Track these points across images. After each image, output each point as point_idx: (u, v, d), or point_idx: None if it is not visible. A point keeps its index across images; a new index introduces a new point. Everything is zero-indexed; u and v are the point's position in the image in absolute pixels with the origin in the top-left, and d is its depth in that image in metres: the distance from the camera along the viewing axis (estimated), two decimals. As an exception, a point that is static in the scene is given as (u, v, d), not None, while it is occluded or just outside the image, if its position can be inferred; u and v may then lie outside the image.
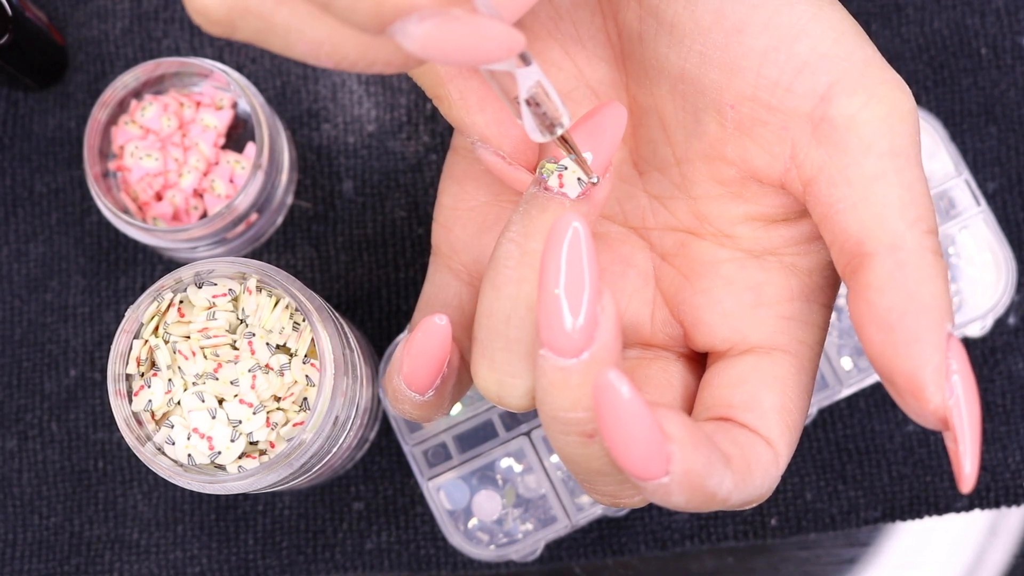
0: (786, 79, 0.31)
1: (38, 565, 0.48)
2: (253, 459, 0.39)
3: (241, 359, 0.39)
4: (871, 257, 0.30)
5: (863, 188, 0.30)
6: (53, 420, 0.49)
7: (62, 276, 0.50)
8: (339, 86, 0.50)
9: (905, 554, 0.49)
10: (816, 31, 0.31)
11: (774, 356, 0.33)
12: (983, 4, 0.50)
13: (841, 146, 0.30)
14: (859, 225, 0.30)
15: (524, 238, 0.32)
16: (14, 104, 0.51)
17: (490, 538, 0.46)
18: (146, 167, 0.47)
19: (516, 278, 0.31)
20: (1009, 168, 0.50)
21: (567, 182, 0.32)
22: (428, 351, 0.33)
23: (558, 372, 0.29)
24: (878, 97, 0.31)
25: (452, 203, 0.37)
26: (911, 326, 0.29)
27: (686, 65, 0.33)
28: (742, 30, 0.32)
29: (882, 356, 0.29)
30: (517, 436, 0.46)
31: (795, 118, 0.31)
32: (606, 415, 0.28)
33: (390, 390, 0.35)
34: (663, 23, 0.33)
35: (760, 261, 0.34)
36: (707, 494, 0.29)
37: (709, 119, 0.33)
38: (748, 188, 0.34)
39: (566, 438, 0.30)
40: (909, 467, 0.48)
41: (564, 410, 0.29)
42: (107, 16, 0.51)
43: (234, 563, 0.48)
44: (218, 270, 0.39)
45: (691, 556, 0.49)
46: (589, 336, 0.28)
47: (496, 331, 0.32)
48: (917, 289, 0.29)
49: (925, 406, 0.29)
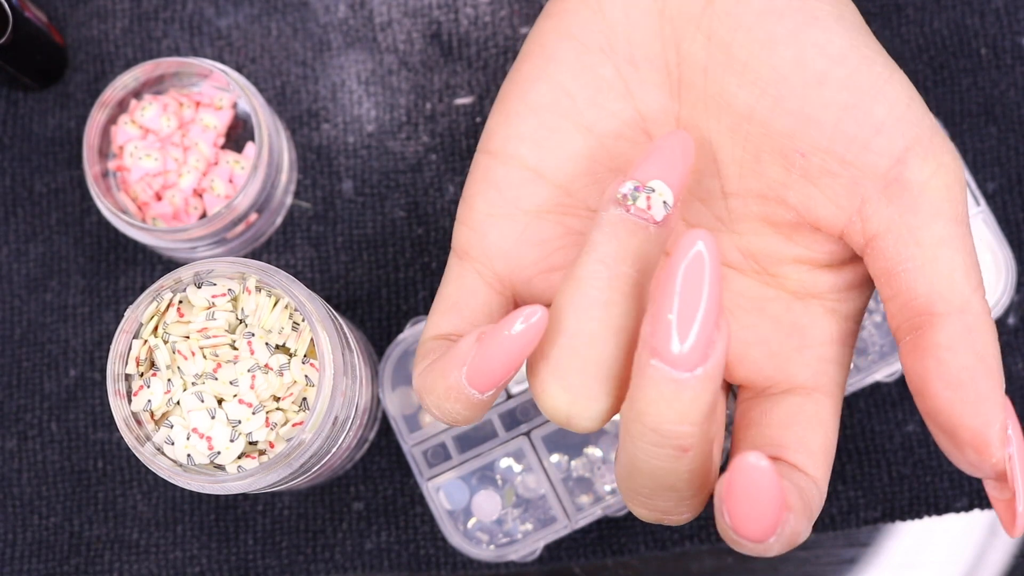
0: (863, 136, 0.32)
1: (38, 565, 0.48)
2: (252, 459, 0.39)
3: (240, 359, 0.39)
4: (941, 318, 0.31)
5: (933, 251, 0.31)
6: (53, 420, 0.49)
7: (62, 276, 0.50)
8: (339, 86, 0.50)
9: (905, 554, 0.49)
10: (892, 94, 0.32)
11: (816, 398, 0.34)
12: (983, 4, 0.50)
13: (913, 208, 0.32)
14: (928, 287, 0.31)
15: (614, 261, 0.31)
16: (14, 104, 0.51)
17: (490, 538, 0.46)
18: (146, 167, 0.47)
19: (603, 301, 0.31)
20: (1009, 168, 0.50)
21: (654, 204, 0.32)
22: (513, 348, 0.32)
23: (671, 384, 0.29)
24: (945, 165, 0.32)
25: (488, 209, 0.36)
26: (980, 387, 0.30)
27: (757, 107, 0.33)
28: (822, 83, 0.32)
29: (950, 412, 0.30)
30: (517, 436, 0.46)
31: (869, 175, 0.32)
32: (741, 489, 0.29)
33: (441, 388, 0.33)
34: (734, 61, 0.33)
35: (804, 303, 0.35)
36: (795, 545, 0.31)
37: (772, 161, 0.34)
38: (800, 233, 0.34)
39: (659, 450, 0.30)
40: (909, 467, 0.48)
41: (670, 423, 0.29)
42: (107, 16, 0.51)
43: (234, 563, 0.48)
44: (217, 270, 0.39)
45: (691, 556, 0.49)
46: (706, 353, 0.29)
47: (576, 352, 0.32)
48: (984, 352, 0.31)
49: (987, 460, 0.30)
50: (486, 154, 0.37)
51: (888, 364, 0.46)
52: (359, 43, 0.51)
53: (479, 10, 0.51)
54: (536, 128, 0.36)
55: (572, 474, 0.46)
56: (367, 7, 0.51)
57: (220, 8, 0.51)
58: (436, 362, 0.33)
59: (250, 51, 0.51)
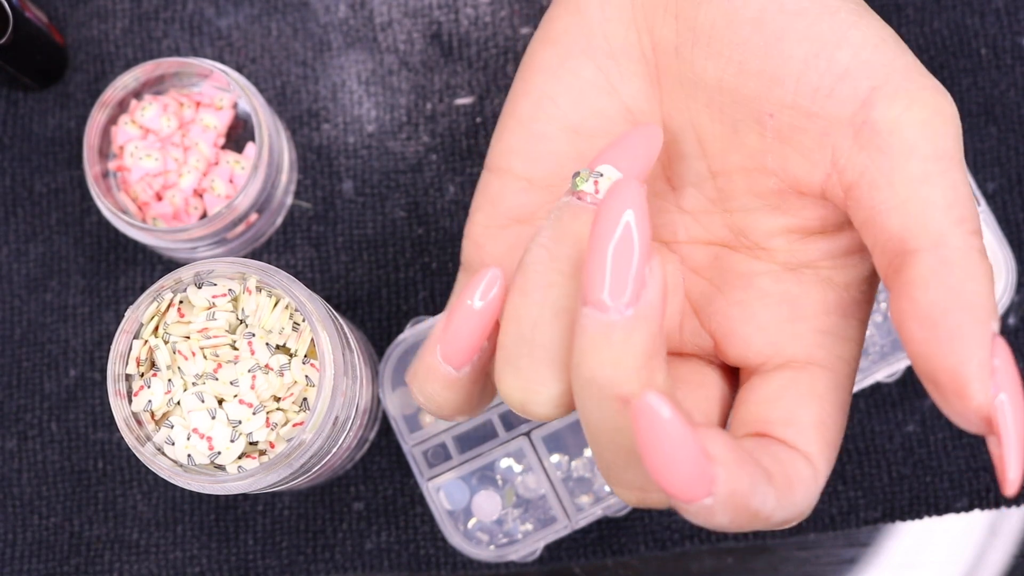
0: (827, 85, 0.31)
1: (38, 565, 0.48)
2: (253, 459, 0.39)
3: (241, 359, 0.39)
4: (915, 254, 0.29)
5: (907, 190, 0.30)
6: (53, 420, 0.49)
7: (62, 276, 0.50)
8: (339, 86, 0.50)
9: (905, 554, 0.49)
10: (857, 38, 0.31)
11: (811, 371, 0.33)
12: (983, 4, 0.50)
13: (884, 150, 0.30)
14: (902, 224, 0.29)
15: (554, 243, 0.31)
16: (14, 104, 0.51)
17: (490, 538, 0.46)
18: (146, 167, 0.47)
19: (544, 283, 0.31)
20: (1009, 168, 0.50)
21: (602, 188, 0.32)
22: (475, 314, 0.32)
23: (601, 328, 0.28)
24: (920, 101, 0.30)
25: (486, 221, 0.37)
26: (955, 323, 0.28)
27: (724, 76, 0.33)
28: (782, 38, 0.32)
29: (924, 354, 0.28)
30: (517, 436, 0.46)
31: (836, 124, 0.31)
32: (646, 437, 0.27)
33: (422, 371, 0.33)
34: (700, 35, 0.33)
35: (796, 274, 0.34)
36: (751, 513, 0.29)
37: (748, 130, 0.33)
38: (787, 200, 0.33)
39: (600, 404, 0.29)
40: (909, 467, 0.48)
41: (603, 367, 0.28)
42: (107, 16, 0.51)
43: (234, 563, 0.48)
44: (218, 270, 0.39)
45: (691, 556, 0.49)
46: (636, 294, 0.28)
47: (522, 337, 0.31)
48: (962, 286, 0.28)
49: (968, 404, 0.28)
50: (486, 170, 0.38)
51: (888, 364, 0.46)
52: (359, 43, 0.51)
53: (479, 10, 0.51)
54: (524, 139, 0.36)
55: (572, 474, 0.46)
56: (367, 7, 0.51)
57: (220, 8, 0.51)
58: (417, 357, 0.34)
59: (250, 51, 0.51)
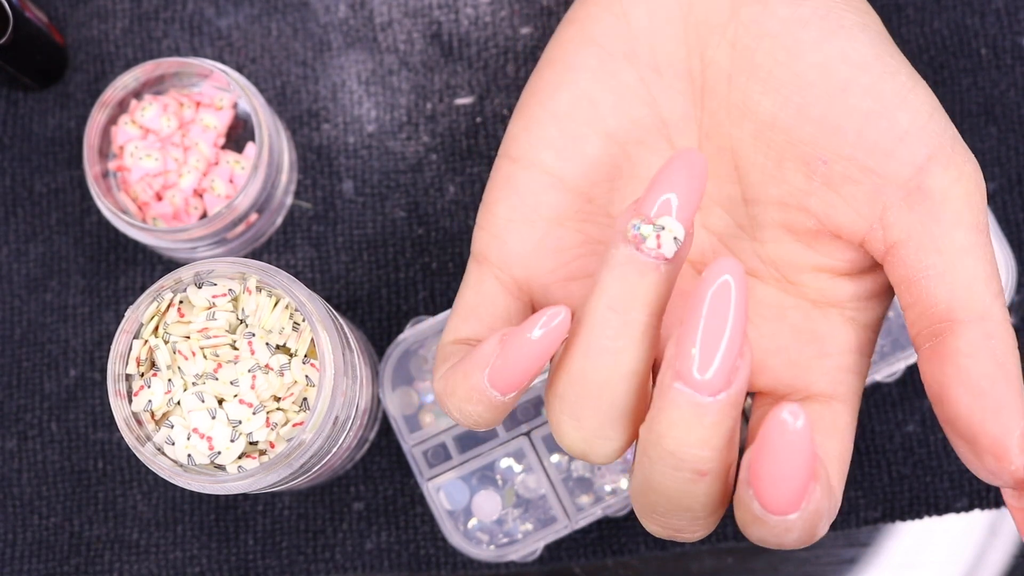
0: (886, 144, 0.32)
1: (37, 565, 0.48)
2: (253, 459, 0.39)
3: (241, 359, 0.39)
4: (962, 325, 0.31)
5: (954, 259, 0.31)
6: (53, 420, 0.49)
7: (62, 276, 0.50)
8: (339, 86, 0.50)
9: (905, 554, 0.49)
10: (915, 103, 0.32)
11: (834, 406, 0.34)
12: (983, 4, 0.50)
13: (934, 216, 0.32)
14: (949, 294, 0.31)
15: (624, 308, 0.31)
16: (14, 104, 0.51)
17: (490, 538, 0.46)
18: (146, 167, 0.47)
19: (614, 348, 0.31)
20: (1009, 168, 0.50)
21: (664, 243, 0.31)
22: (535, 351, 0.32)
23: (693, 408, 0.29)
24: (967, 175, 0.32)
25: (509, 214, 0.36)
26: (1000, 394, 0.30)
27: (780, 114, 0.33)
28: (846, 90, 0.32)
29: (969, 419, 0.30)
30: (517, 436, 0.46)
31: (890, 183, 0.32)
32: (772, 448, 0.28)
33: (463, 390, 0.33)
34: (759, 69, 0.33)
35: (823, 312, 0.35)
36: (814, 534, 0.31)
37: (794, 169, 0.34)
38: (821, 241, 0.34)
39: (676, 474, 0.30)
40: (909, 467, 0.48)
41: (690, 446, 0.30)
42: (107, 16, 0.51)
43: (234, 563, 0.48)
44: (218, 270, 0.39)
45: (691, 556, 0.49)
46: (729, 379, 0.29)
47: (588, 396, 0.32)
48: (1004, 359, 0.31)
49: (1006, 467, 0.30)
50: (508, 159, 0.37)
51: (888, 364, 0.46)
52: (359, 43, 0.51)
53: (479, 10, 0.51)
54: (558, 135, 0.36)
55: (572, 474, 0.46)
56: (367, 7, 0.51)
57: (220, 8, 0.51)
58: (458, 364, 0.33)
59: (250, 51, 0.51)
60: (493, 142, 0.50)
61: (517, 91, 0.50)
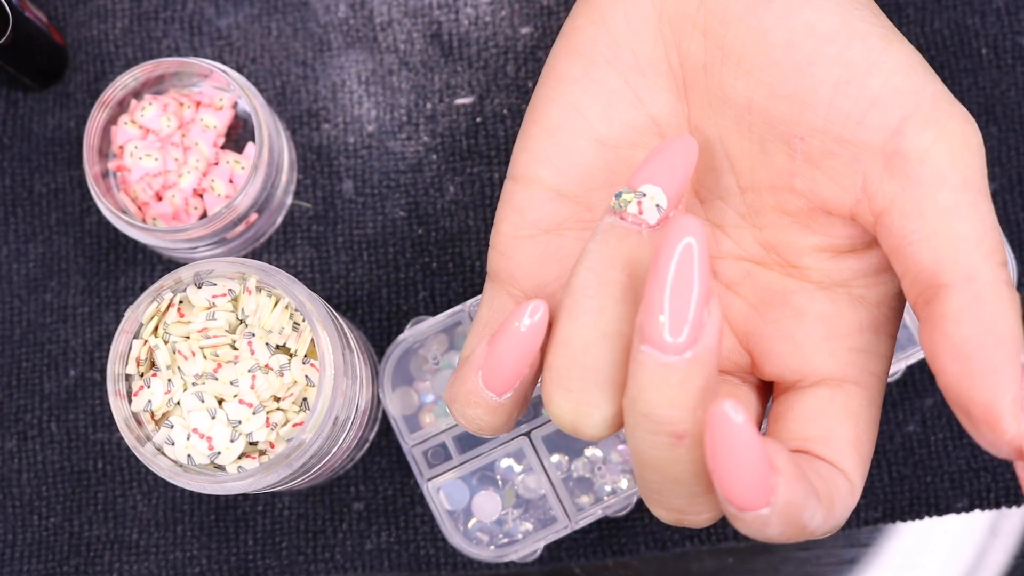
0: (858, 112, 0.32)
1: (37, 565, 0.48)
2: (253, 459, 0.39)
3: (241, 359, 0.39)
4: (947, 288, 0.30)
5: (937, 221, 0.30)
6: (52, 420, 0.49)
7: (62, 276, 0.50)
8: (339, 86, 0.50)
9: (905, 555, 0.49)
10: (888, 65, 0.32)
11: (846, 388, 0.33)
12: (983, 4, 0.50)
13: (914, 179, 0.31)
14: (934, 257, 0.30)
15: (603, 267, 0.31)
16: (13, 104, 0.51)
17: (490, 539, 0.46)
18: (146, 167, 0.47)
19: (595, 307, 0.31)
20: (1010, 168, 0.50)
21: (646, 208, 0.32)
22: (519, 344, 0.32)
23: (660, 368, 0.29)
24: (949, 131, 0.31)
25: (512, 231, 0.37)
26: (988, 357, 0.29)
27: (754, 96, 0.33)
28: (813, 62, 0.32)
29: (958, 386, 0.29)
30: (517, 436, 0.46)
31: (867, 151, 0.32)
32: (718, 443, 0.28)
33: (462, 394, 0.34)
34: (729, 54, 0.33)
35: (829, 293, 0.34)
36: (800, 526, 0.30)
37: (776, 150, 0.33)
38: (816, 219, 0.34)
39: (654, 438, 0.30)
40: (909, 468, 0.48)
41: (660, 407, 0.29)
42: (107, 16, 0.51)
43: (234, 563, 0.48)
44: (218, 270, 0.39)
45: (691, 557, 0.49)
46: (694, 337, 0.29)
47: (573, 360, 0.32)
48: (994, 321, 0.29)
49: (1001, 436, 0.29)
50: (511, 180, 0.37)
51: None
52: (359, 43, 0.51)
53: (479, 10, 0.51)
54: (551, 148, 0.36)
55: (572, 474, 0.46)
56: (367, 7, 0.51)
57: (220, 8, 0.51)
58: (456, 372, 0.34)
59: (250, 51, 0.51)
60: (493, 142, 0.50)
61: (517, 91, 0.50)
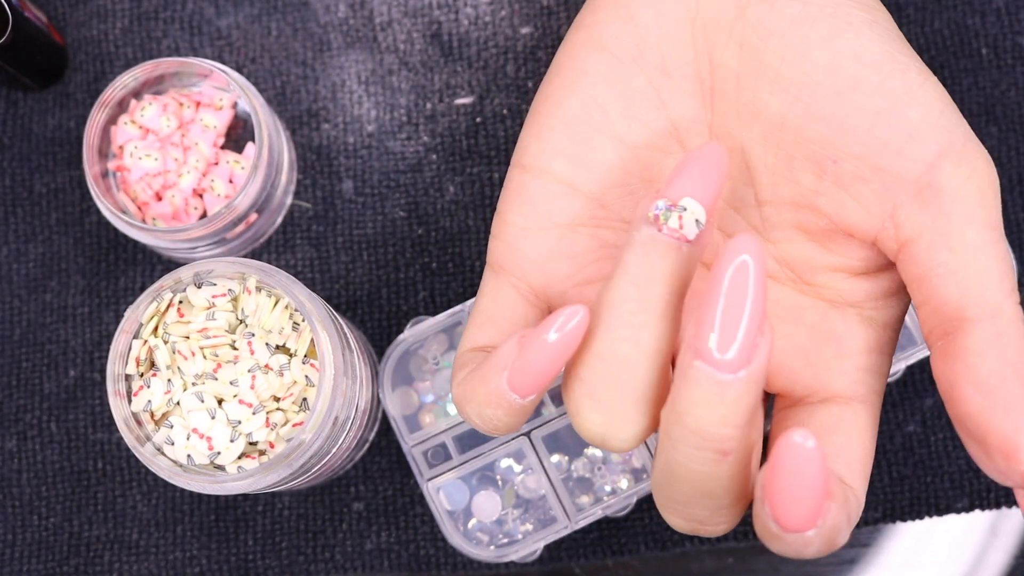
0: (896, 142, 0.32)
1: (37, 565, 0.48)
2: (252, 459, 0.39)
3: (240, 359, 0.39)
4: (972, 323, 0.31)
5: (965, 256, 0.31)
6: (52, 420, 0.49)
7: (61, 276, 0.50)
8: (339, 86, 0.50)
9: (905, 555, 0.49)
10: (926, 100, 0.32)
11: (854, 407, 0.34)
12: (983, 4, 0.50)
13: (946, 213, 0.32)
14: (960, 292, 0.31)
15: (645, 284, 0.31)
16: (13, 104, 0.51)
17: (490, 539, 0.46)
18: (145, 167, 0.47)
19: (636, 323, 0.31)
20: (1010, 168, 0.50)
21: (686, 223, 0.31)
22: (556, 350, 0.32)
23: (714, 385, 0.29)
24: (979, 171, 0.32)
25: (523, 223, 0.36)
26: (1010, 392, 0.30)
27: (789, 114, 0.33)
28: (856, 88, 0.32)
29: (978, 417, 0.30)
30: (517, 436, 0.46)
31: (900, 180, 0.32)
32: (784, 468, 0.29)
33: (482, 394, 0.33)
34: (767, 69, 0.33)
35: (841, 312, 0.35)
36: (834, 546, 0.31)
37: (804, 168, 0.33)
38: (835, 240, 0.34)
39: (700, 453, 0.30)
40: (909, 468, 0.48)
41: (712, 424, 0.29)
42: (107, 16, 0.51)
43: (234, 563, 0.48)
44: (217, 270, 0.39)
45: (691, 556, 0.49)
46: (748, 356, 0.29)
47: (609, 375, 0.32)
48: (1015, 357, 0.30)
49: (1016, 467, 0.30)
50: (520, 168, 0.37)
51: (889, 364, 0.46)
52: (359, 43, 0.51)
53: (479, 10, 0.51)
54: (569, 142, 0.36)
55: (572, 474, 0.46)
56: (367, 7, 0.51)
57: (220, 8, 0.51)
58: (476, 369, 0.33)
59: (250, 51, 0.51)
60: (493, 142, 0.50)
61: (517, 91, 0.50)
